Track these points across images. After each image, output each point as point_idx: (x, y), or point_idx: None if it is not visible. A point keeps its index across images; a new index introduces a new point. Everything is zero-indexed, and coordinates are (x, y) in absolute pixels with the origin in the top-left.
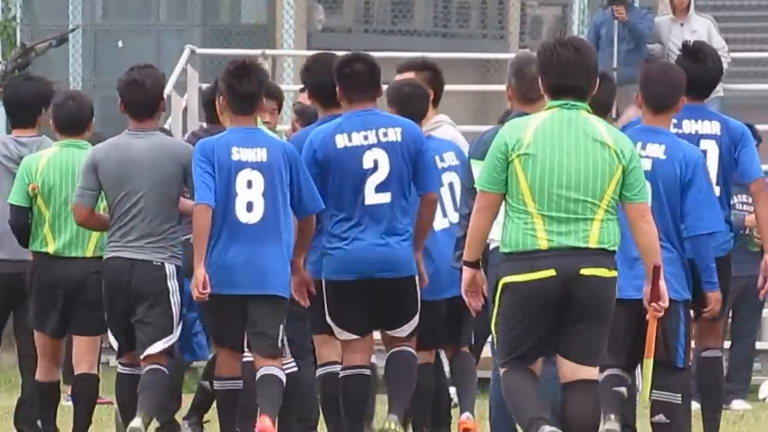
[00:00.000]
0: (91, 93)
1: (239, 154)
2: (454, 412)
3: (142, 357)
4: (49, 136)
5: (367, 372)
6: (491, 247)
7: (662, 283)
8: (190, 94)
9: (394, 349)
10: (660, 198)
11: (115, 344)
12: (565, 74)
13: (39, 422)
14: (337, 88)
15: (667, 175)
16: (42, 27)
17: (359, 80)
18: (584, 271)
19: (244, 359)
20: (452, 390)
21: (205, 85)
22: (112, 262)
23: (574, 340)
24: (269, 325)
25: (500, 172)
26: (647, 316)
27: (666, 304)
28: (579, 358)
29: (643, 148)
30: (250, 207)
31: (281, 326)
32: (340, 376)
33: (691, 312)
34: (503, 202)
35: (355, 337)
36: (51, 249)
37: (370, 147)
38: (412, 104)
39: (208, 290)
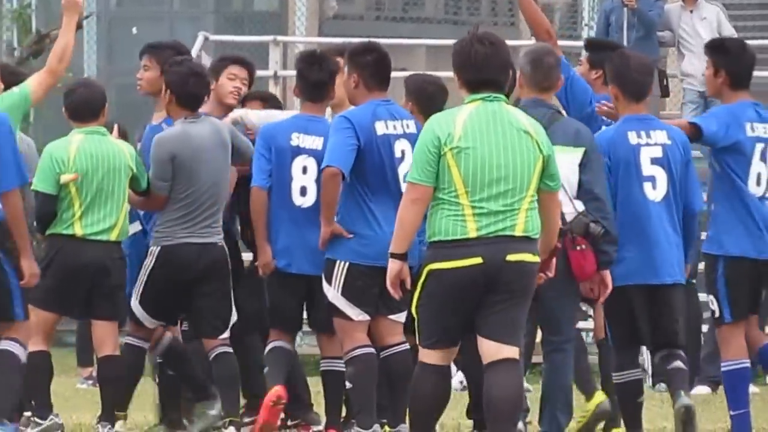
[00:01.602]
0: (106, 80)
1: (299, 140)
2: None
3: (212, 339)
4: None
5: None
6: None
7: (554, 261)
8: None
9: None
10: (674, 182)
11: (150, 323)
12: (483, 69)
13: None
14: (350, 77)
15: (676, 158)
16: (56, 14)
17: (380, 69)
18: (510, 257)
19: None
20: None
21: None
22: (180, 249)
23: (496, 320)
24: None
25: (433, 165)
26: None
27: (551, 274)
28: (501, 338)
29: (648, 136)
30: (303, 191)
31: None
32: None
33: None
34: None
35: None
36: (78, 232)
37: (398, 137)
38: (436, 103)
39: (272, 268)
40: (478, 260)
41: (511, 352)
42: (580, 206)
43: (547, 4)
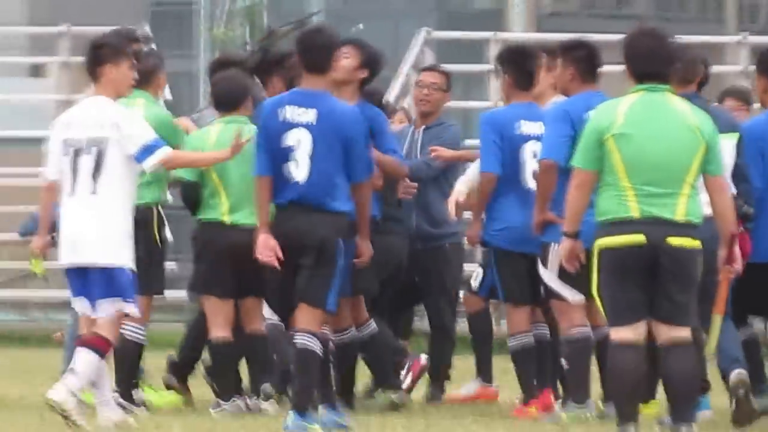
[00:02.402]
0: None
1: (525, 127)
2: None
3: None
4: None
5: None
6: None
7: (737, 249)
8: None
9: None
10: None
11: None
12: (649, 61)
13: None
14: (565, 70)
15: None
16: (286, 11)
17: (591, 63)
18: (671, 240)
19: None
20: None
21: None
22: None
23: (666, 304)
24: None
25: (595, 151)
26: (720, 277)
27: (739, 267)
28: (673, 320)
29: None
30: (534, 175)
31: None
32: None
33: None
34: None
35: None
36: (225, 218)
37: None
38: None
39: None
40: (641, 238)
41: (684, 332)
42: (733, 189)
43: (752, 2)
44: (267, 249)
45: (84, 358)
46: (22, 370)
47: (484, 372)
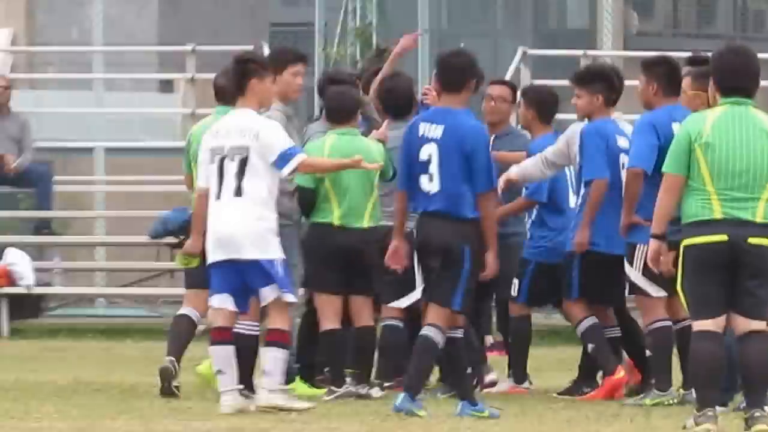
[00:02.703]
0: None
1: (621, 141)
2: None
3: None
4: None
5: None
6: None
7: None
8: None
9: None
10: None
11: None
12: (734, 76)
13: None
14: (648, 85)
15: None
16: (394, 31)
17: (673, 78)
18: (752, 240)
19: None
20: None
21: (537, 81)
22: None
23: (746, 299)
24: None
25: (684, 158)
26: None
27: None
28: (750, 313)
29: None
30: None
31: None
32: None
33: None
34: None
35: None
36: (335, 221)
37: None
38: None
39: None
40: (724, 237)
41: (760, 325)
42: None
43: None
44: (396, 257)
45: (272, 357)
46: (152, 361)
47: (516, 374)
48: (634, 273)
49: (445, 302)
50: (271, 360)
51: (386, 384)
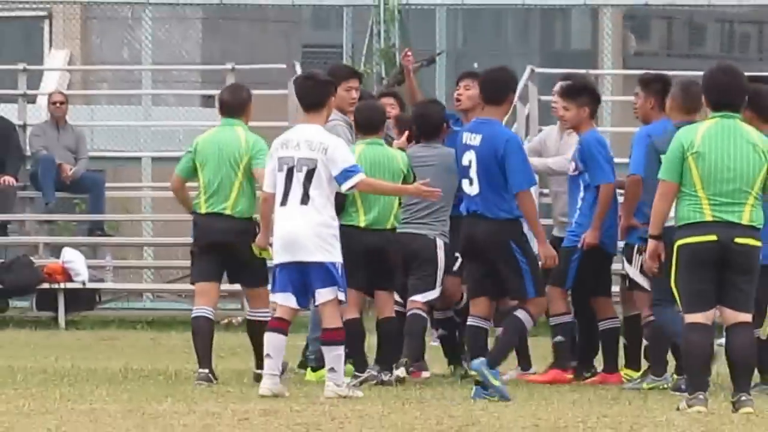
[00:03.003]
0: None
1: None
2: None
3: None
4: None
5: None
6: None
7: None
8: (531, 104)
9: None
10: None
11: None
12: (723, 93)
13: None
14: (647, 101)
15: None
16: (415, 51)
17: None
18: (738, 240)
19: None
20: None
21: (544, 98)
22: None
23: (732, 293)
24: None
25: (678, 166)
26: None
27: None
28: (737, 306)
29: None
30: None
31: None
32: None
33: None
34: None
35: None
36: (361, 223)
37: None
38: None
39: None
40: (713, 237)
41: (746, 317)
42: None
43: None
44: None
45: (333, 356)
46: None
47: (523, 361)
48: (632, 271)
49: (522, 294)
50: (334, 359)
51: (411, 367)
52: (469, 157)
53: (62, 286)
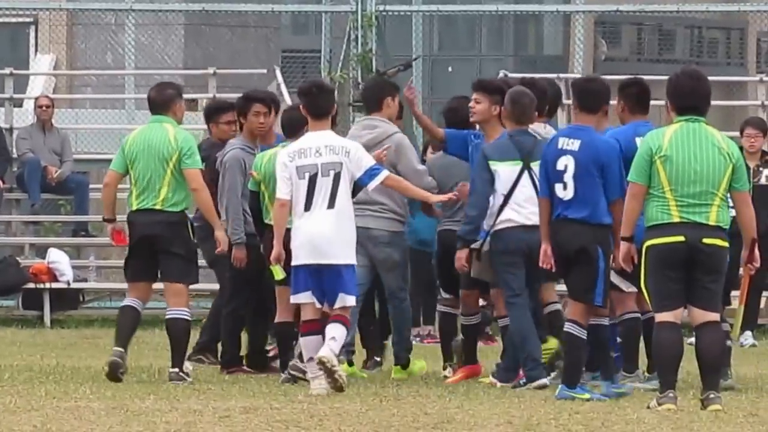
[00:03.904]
0: (429, 107)
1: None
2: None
3: None
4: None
5: None
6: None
7: (756, 251)
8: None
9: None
10: None
11: None
12: (688, 97)
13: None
14: (619, 104)
15: None
16: (392, 56)
17: (641, 98)
18: (706, 240)
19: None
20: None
21: None
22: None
23: (700, 292)
24: None
25: (647, 169)
26: (742, 273)
27: (758, 265)
28: (706, 305)
29: None
30: None
31: None
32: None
33: None
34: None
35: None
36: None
37: None
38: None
39: None
40: (681, 238)
41: (714, 316)
42: None
43: None
44: (546, 257)
45: (339, 330)
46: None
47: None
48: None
49: (587, 299)
50: (338, 332)
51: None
52: (565, 162)
53: (47, 285)
